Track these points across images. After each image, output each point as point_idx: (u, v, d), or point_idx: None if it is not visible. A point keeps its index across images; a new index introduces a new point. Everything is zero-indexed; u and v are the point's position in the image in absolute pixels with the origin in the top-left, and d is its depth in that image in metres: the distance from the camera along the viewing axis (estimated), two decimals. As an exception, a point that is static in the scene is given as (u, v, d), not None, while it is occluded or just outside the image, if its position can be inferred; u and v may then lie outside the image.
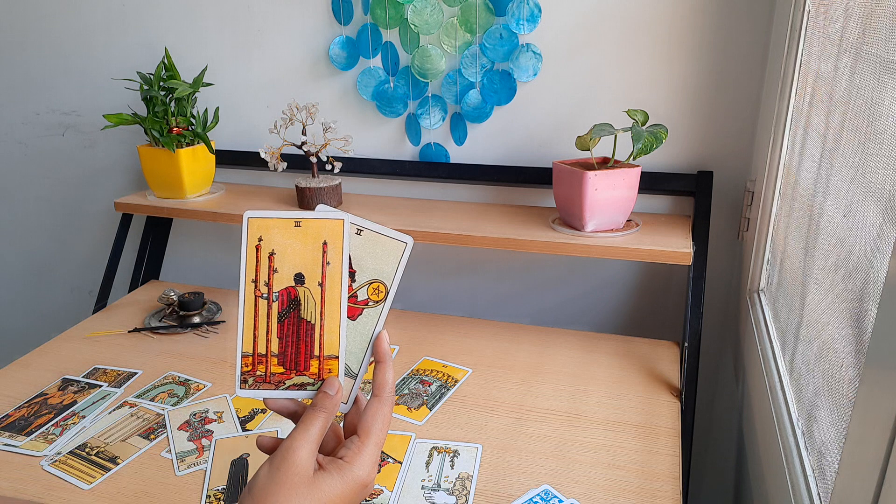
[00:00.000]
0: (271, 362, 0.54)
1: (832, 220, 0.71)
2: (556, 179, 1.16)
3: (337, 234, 0.54)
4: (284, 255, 0.54)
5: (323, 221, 0.53)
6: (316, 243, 0.53)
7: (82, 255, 1.75)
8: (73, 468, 0.88)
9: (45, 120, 1.63)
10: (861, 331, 0.57)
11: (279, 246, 0.54)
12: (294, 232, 0.54)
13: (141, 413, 1.00)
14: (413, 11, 1.25)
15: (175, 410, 1.01)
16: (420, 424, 0.97)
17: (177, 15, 1.43)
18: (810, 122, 0.86)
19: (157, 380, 1.09)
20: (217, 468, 0.88)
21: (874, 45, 0.61)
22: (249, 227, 0.54)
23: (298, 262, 0.53)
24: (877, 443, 0.45)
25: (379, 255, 0.55)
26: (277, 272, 0.54)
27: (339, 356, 0.53)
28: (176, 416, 0.99)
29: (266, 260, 0.54)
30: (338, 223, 0.53)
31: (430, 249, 1.47)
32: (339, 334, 0.53)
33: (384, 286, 0.55)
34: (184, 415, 1.00)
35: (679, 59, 1.18)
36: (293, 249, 0.54)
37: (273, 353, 0.54)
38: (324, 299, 0.53)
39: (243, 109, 1.46)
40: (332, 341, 0.53)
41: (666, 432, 0.96)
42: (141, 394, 1.05)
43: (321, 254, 0.53)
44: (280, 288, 0.54)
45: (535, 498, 0.83)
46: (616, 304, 1.40)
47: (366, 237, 0.55)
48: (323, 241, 0.54)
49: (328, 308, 0.53)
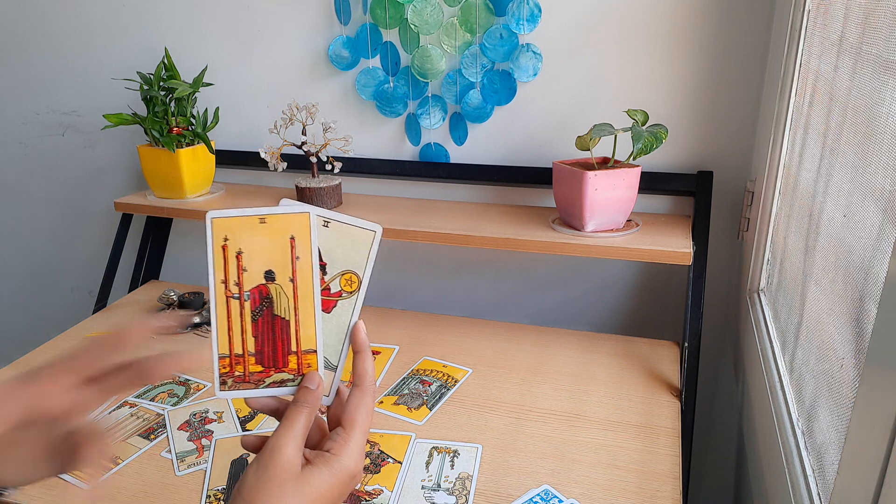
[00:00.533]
0: (249, 361, 0.53)
1: (832, 220, 0.71)
2: (556, 179, 1.16)
3: (304, 227, 0.53)
4: (252, 253, 0.53)
5: (288, 216, 0.53)
6: (283, 238, 0.53)
7: (82, 255, 1.75)
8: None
9: (45, 120, 1.63)
10: (861, 331, 0.57)
11: (246, 244, 0.53)
12: (260, 229, 0.53)
13: (141, 413, 1.00)
14: (413, 11, 1.25)
15: (175, 410, 1.01)
16: (420, 424, 0.97)
17: (177, 15, 1.43)
18: (810, 122, 0.86)
19: None
20: (217, 468, 0.88)
21: (874, 45, 0.61)
22: (213, 227, 0.53)
23: (267, 258, 0.53)
24: (877, 443, 0.45)
25: (349, 245, 0.54)
26: (247, 271, 0.53)
27: (318, 350, 0.53)
28: (176, 416, 0.99)
29: (234, 259, 0.53)
30: (304, 216, 0.52)
31: (430, 249, 1.47)
32: (314, 328, 0.53)
33: (356, 276, 0.54)
34: (184, 415, 1.00)
35: (679, 59, 1.18)
36: (261, 246, 0.53)
37: (250, 352, 0.53)
38: (296, 294, 0.53)
39: (243, 109, 1.46)
40: (309, 336, 0.53)
41: (666, 432, 0.96)
42: (141, 394, 1.05)
43: (290, 249, 0.53)
44: (251, 286, 0.53)
45: (535, 498, 0.83)
46: (616, 304, 1.40)
47: (333, 228, 0.54)
48: (290, 235, 0.53)
49: (301, 303, 0.53)
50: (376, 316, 1.31)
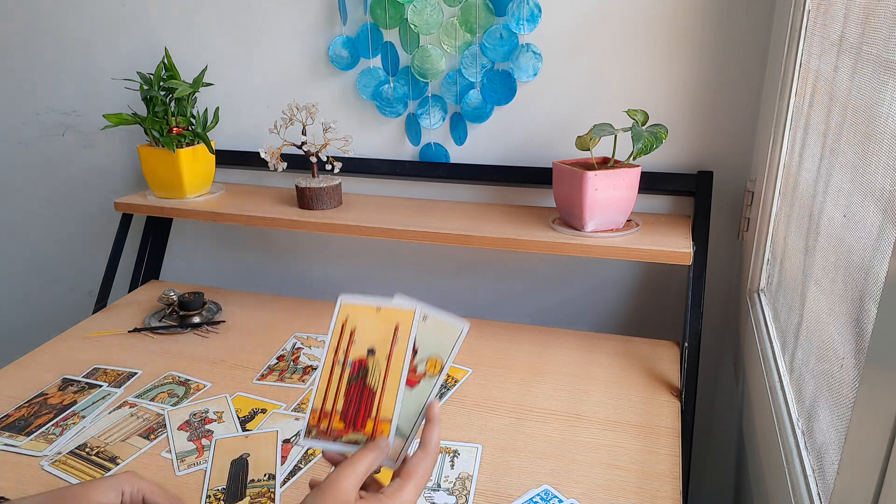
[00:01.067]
0: (334, 418, 0.62)
1: (832, 220, 0.71)
2: (556, 179, 1.16)
3: (408, 320, 0.64)
4: (363, 332, 0.65)
5: (398, 310, 0.65)
6: (390, 326, 0.64)
7: (82, 255, 1.75)
8: (73, 468, 0.88)
9: (45, 120, 1.63)
10: (861, 331, 0.57)
11: (361, 325, 0.65)
12: (374, 315, 0.65)
13: (141, 413, 1.00)
14: (413, 11, 1.25)
15: (175, 410, 1.01)
16: (420, 424, 0.97)
17: (177, 15, 1.43)
18: (810, 122, 0.86)
19: (156, 380, 1.09)
20: (217, 468, 0.88)
21: (874, 45, 0.61)
22: (340, 308, 0.66)
23: (373, 338, 0.64)
24: (877, 443, 0.45)
25: (439, 336, 0.64)
26: (355, 344, 0.65)
27: (392, 419, 0.61)
28: (176, 416, 0.99)
29: (348, 335, 0.65)
30: (410, 312, 0.65)
31: (430, 249, 1.47)
32: (395, 402, 0.62)
33: (440, 362, 0.64)
34: (184, 415, 1.00)
35: (679, 59, 1.18)
36: (371, 328, 0.65)
37: (337, 410, 0.62)
38: (388, 371, 0.63)
39: (243, 109, 1.46)
40: (388, 406, 0.62)
41: (666, 432, 0.96)
42: (141, 394, 1.05)
43: (392, 334, 0.64)
44: (354, 357, 0.64)
45: (535, 498, 0.83)
46: (616, 304, 1.40)
47: (430, 321, 0.65)
48: (396, 324, 0.64)
49: (390, 378, 0.63)
50: (376, 316, 1.31)
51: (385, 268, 1.52)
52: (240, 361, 1.15)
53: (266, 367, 1.13)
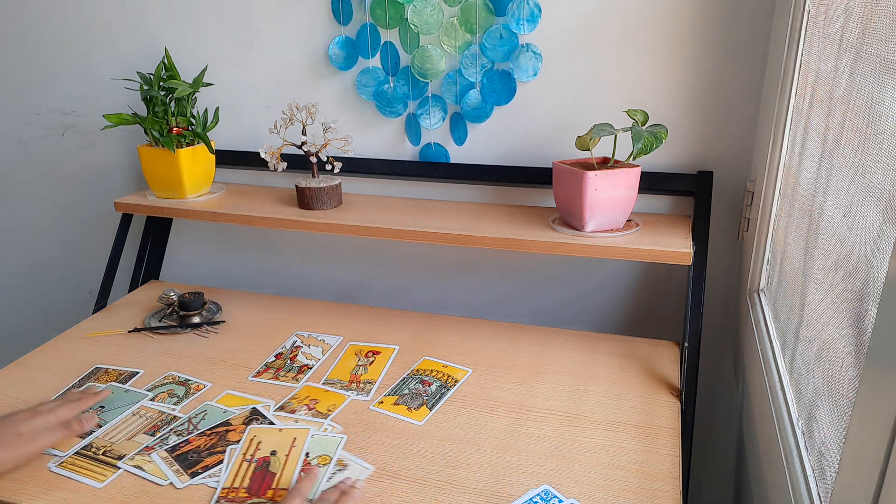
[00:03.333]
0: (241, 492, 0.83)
1: (832, 220, 0.71)
2: (556, 179, 1.16)
3: (303, 436, 0.92)
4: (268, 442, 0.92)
5: (295, 430, 0.94)
6: (289, 439, 0.92)
7: (82, 255, 1.75)
8: (81, 468, 0.88)
9: (45, 120, 1.63)
10: (861, 331, 0.57)
11: (265, 437, 0.93)
12: (277, 433, 0.93)
13: (143, 412, 1.00)
14: (413, 11, 1.25)
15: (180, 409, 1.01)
16: (420, 424, 0.97)
17: (177, 15, 1.43)
18: (810, 122, 0.86)
19: (157, 379, 1.09)
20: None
21: (874, 45, 0.61)
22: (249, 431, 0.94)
23: (275, 445, 0.91)
24: (877, 443, 0.45)
25: (326, 444, 0.92)
26: (259, 450, 0.90)
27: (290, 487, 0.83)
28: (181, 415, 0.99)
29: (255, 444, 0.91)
30: (305, 431, 0.93)
31: (430, 249, 1.47)
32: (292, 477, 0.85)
33: (329, 456, 0.89)
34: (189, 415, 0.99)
35: (679, 59, 1.18)
36: (274, 440, 0.92)
37: (244, 486, 0.84)
38: (286, 462, 0.88)
39: (243, 109, 1.46)
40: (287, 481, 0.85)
41: (666, 432, 0.96)
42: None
43: (291, 444, 0.91)
44: (259, 457, 0.89)
45: (535, 498, 0.83)
46: (616, 304, 1.40)
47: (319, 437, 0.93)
48: (294, 438, 0.92)
49: (288, 465, 0.87)
50: (376, 316, 1.31)
51: (385, 268, 1.52)
52: (240, 361, 1.15)
53: (263, 364, 1.13)
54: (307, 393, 1.04)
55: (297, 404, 1.01)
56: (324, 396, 1.04)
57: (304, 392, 1.05)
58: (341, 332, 1.24)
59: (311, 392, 1.05)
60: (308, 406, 1.01)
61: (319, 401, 1.02)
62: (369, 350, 1.17)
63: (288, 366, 1.13)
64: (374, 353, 1.16)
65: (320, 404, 1.01)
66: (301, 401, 1.02)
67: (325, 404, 1.01)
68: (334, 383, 1.07)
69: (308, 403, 1.01)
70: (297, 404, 1.01)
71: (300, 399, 1.03)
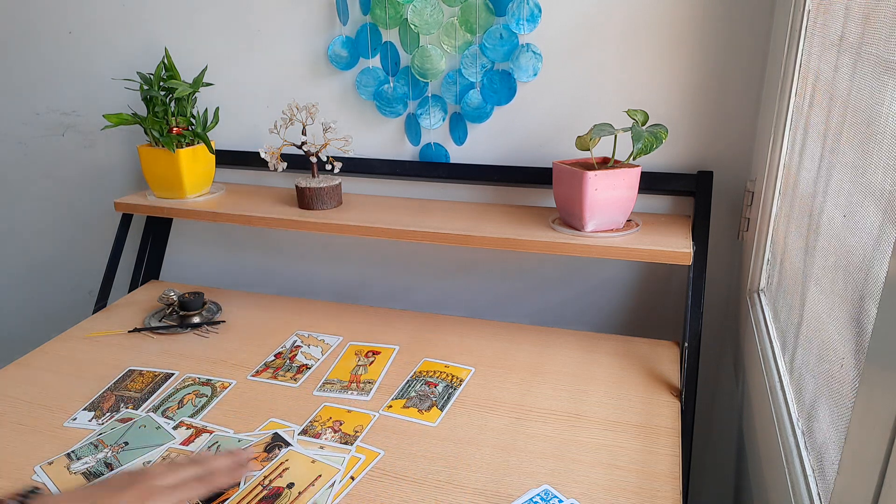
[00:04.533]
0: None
1: (832, 220, 0.71)
2: (556, 179, 1.16)
3: (328, 475, 0.87)
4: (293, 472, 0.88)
5: (326, 466, 0.89)
6: (314, 473, 0.87)
7: (82, 255, 1.75)
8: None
9: (45, 120, 1.63)
10: (861, 331, 0.57)
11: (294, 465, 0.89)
12: (309, 464, 0.89)
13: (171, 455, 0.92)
14: (413, 11, 1.25)
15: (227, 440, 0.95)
16: (434, 426, 0.97)
17: (177, 15, 1.43)
18: (810, 122, 0.86)
19: (177, 383, 1.08)
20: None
21: (874, 45, 0.61)
22: (285, 454, 0.91)
23: (299, 477, 0.87)
24: (877, 443, 0.45)
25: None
26: (281, 477, 0.86)
27: None
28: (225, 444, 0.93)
29: (281, 469, 0.88)
30: (334, 471, 0.87)
31: (430, 249, 1.47)
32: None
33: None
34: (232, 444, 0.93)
35: (679, 59, 1.18)
36: (300, 472, 0.88)
37: None
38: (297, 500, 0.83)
39: (243, 109, 1.46)
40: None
41: (666, 432, 0.96)
42: (167, 397, 1.04)
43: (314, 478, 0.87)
44: (275, 485, 0.85)
45: (535, 498, 0.83)
46: (616, 304, 1.40)
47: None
48: (319, 474, 0.88)
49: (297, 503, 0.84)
50: (376, 316, 1.31)
51: (385, 268, 1.52)
52: (240, 361, 1.15)
53: (262, 363, 1.13)
54: (329, 414, 0.99)
55: (320, 427, 0.96)
56: (347, 417, 0.99)
57: (325, 413, 0.99)
58: (341, 332, 1.24)
59: (333, 413, 1.00)
60: (333, 429, 0.96)
61: (344, 422, 0.98)
62: (369, 350, 1.17)
63: (287, 365, 1.13)
64: (374, 353, 1.16)
65: (345, 425, 0.97)
66: (324, 423, 0.97)
67: (352, 425, 0.97)
68: (334, 383, 1.07)
69: (332, 426, 0.97)
70: (320, 427, 0.96)
71: (323, 422, 0.98)
